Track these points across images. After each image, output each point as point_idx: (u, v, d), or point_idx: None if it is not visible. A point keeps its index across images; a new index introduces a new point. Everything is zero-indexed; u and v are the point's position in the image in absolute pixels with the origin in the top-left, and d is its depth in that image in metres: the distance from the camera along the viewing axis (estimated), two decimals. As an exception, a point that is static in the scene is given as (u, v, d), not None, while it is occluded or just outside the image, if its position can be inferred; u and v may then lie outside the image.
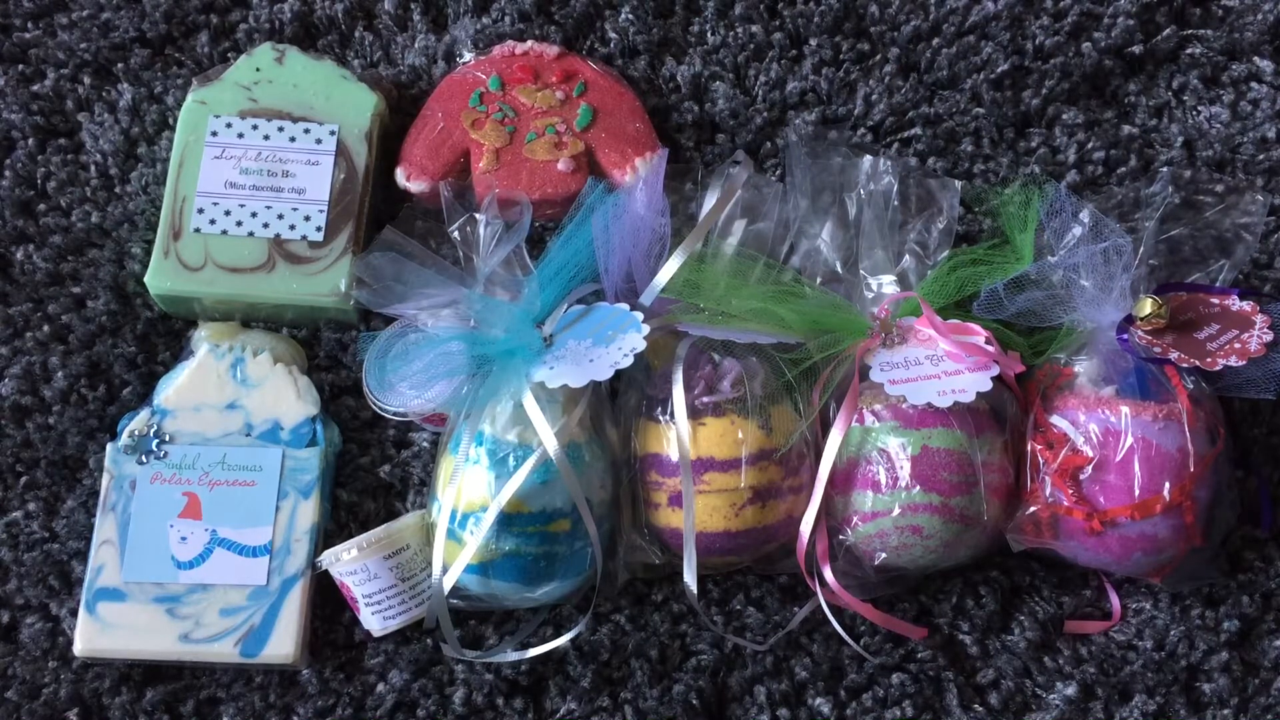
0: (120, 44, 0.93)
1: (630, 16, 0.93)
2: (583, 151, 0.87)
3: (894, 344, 0.79)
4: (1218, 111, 0.92)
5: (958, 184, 0.85)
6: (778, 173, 0.90)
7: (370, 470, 0.83)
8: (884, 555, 0.76)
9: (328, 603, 0.80)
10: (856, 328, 0.80)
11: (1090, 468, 0.75)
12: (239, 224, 0.84)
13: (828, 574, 0.76)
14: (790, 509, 0.77)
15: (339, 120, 0.86)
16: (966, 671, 0.80)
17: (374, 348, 0.79)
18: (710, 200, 0.83)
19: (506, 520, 0.74)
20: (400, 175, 0.87)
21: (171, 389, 0.82)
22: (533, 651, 0.78)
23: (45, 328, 0.85)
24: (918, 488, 0.74)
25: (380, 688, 0.79)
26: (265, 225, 0.84)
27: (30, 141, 0.90)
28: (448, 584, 0.75)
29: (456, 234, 0.81)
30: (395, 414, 0.81)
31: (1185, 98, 0.93)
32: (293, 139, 0.86)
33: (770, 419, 0.76)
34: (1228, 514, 0.78)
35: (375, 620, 0.78)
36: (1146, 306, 0.76)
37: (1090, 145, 0.91)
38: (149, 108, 0.91)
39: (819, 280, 0.83)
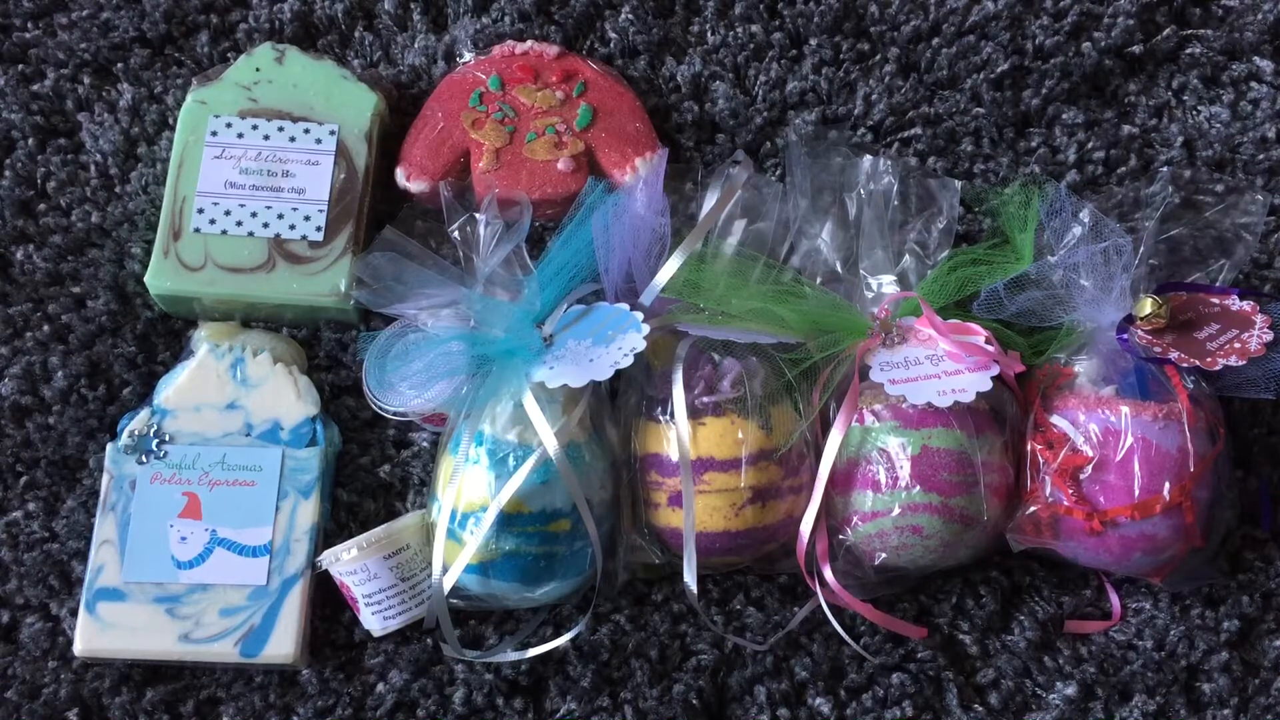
0: (120, 44, 0.93)
1: (630, 16, 0.93)
2: (583, 151, 0.87)
3: (894, 344, 0.79)
4: (1218, 111, 0.92)
5: (958, 184, 0.85)
6: (778, 173, 0.90)
7: (370, 470, 0.83)
8: (884, 555, 0.76)
9: (328, 603, 0.80)
10: (856, 328, 0.80)
11: (1090, 468, 0.75)
12: (239, 224, 0.84)
13: (828, 574, 0.76)
14: (790, 509, 0.77)
15: (339, 120, 0.86)
16: (966, 671, 0.80)
17: (374, 348, 0.79)
18: (710, 200, 0.83)
19: (506, 520, 0.74)
20: (400, 175, 0.87)
21: (171, 389, 0.82)
22: (533, 651, 0.78)
23: (45, 328, 0.85)
24: (918, 487, 0.74)
25: (380, 688, 0.79)
26: (265, 225, 0.84)
27: (30, 141, 0.90)
28: (448, 584, 0.75)
29: (456, 234, 0.81)
30: (395, 414, 0.81)
31: (1185, 98, 0.93)
32: (293, 139, 0.86)
33: (770, 419, 0.76)
34: (1228, 514, 0.78)
35: (375, 620, 0.78)
36: (1146, 306, 0.76)
37: (1090, 145, 0.91)
38: (149, 108, 0.91)
39: (819, 280, 0.83)
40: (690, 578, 0.75)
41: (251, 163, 0.85)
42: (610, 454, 0.79)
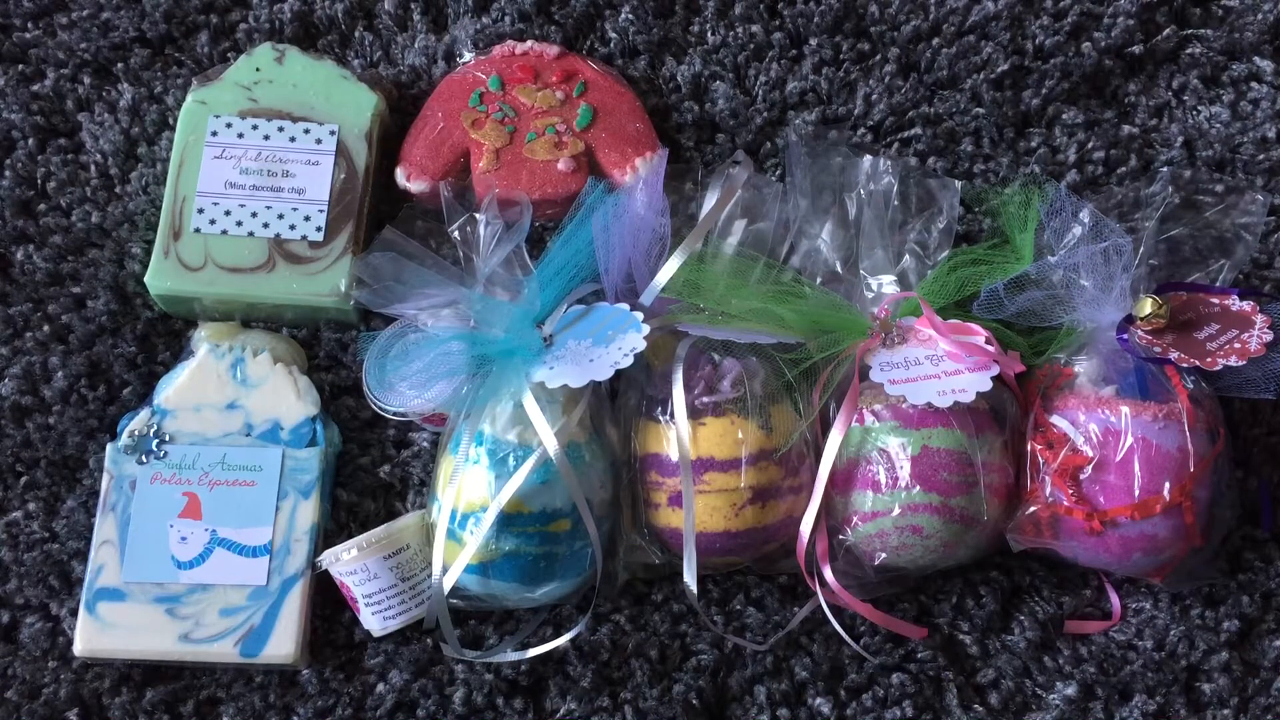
0: (120, 44, 0.93)
1: (630, 16, 0.93)
2: (583, 151, 0.87)
3: (894, 344, 0.79)
4: (1218, 111, 0.92)
5: (958, 184, 0.85)
6: (778, 173, 0.90)
7: (370, 470, 0.83)
8: (884, 555, 0.76)
9: (328, 603, 0.80)
10: (856, 328, 0.80)
11: (1090, 468, 0.75)
12: (239, 224, 0.84)
13: (828, 574, 0.76)
14: (790, 509, 0.77)
15: (339, 120, 0.86)
16: (966, 671, 0.80)
17: (374, 348, 0.79)
18: (710, 200, 0.83)
19: (506, 520, 0.74)
20: (400, 175, 0.87)
21: (171, 389, 0.82)
22: (533, 651, 0.78)
23: (45, 328, 0.85)
24: (918, 488, 0.74)
25: (380, 688, 0.79)
26: (265, 225, 0.84)
27: (30, 141, 0.90)
28: (448, 584, 0.75)
29: (456, 234, 0.81)
30: (395, 414, 0.81)
31: (1185, 98, 0.93)
32: (293, 139, 0.86)
33: (770, 419, 0.76)
34: (1228, 514, 0.78)
35: (375, 620, 0.78)
36: (1146, 306, 0.76)
37: (1090, 145, 0.91)
38: (149, 108, 0.91)
39: (819, 280, 0.83)
40: (690, 578, 0.75)
41: (251, 163, 0.85)
42: (610, 454, 0.79)
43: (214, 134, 0.86)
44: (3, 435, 0.83)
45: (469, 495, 0.75)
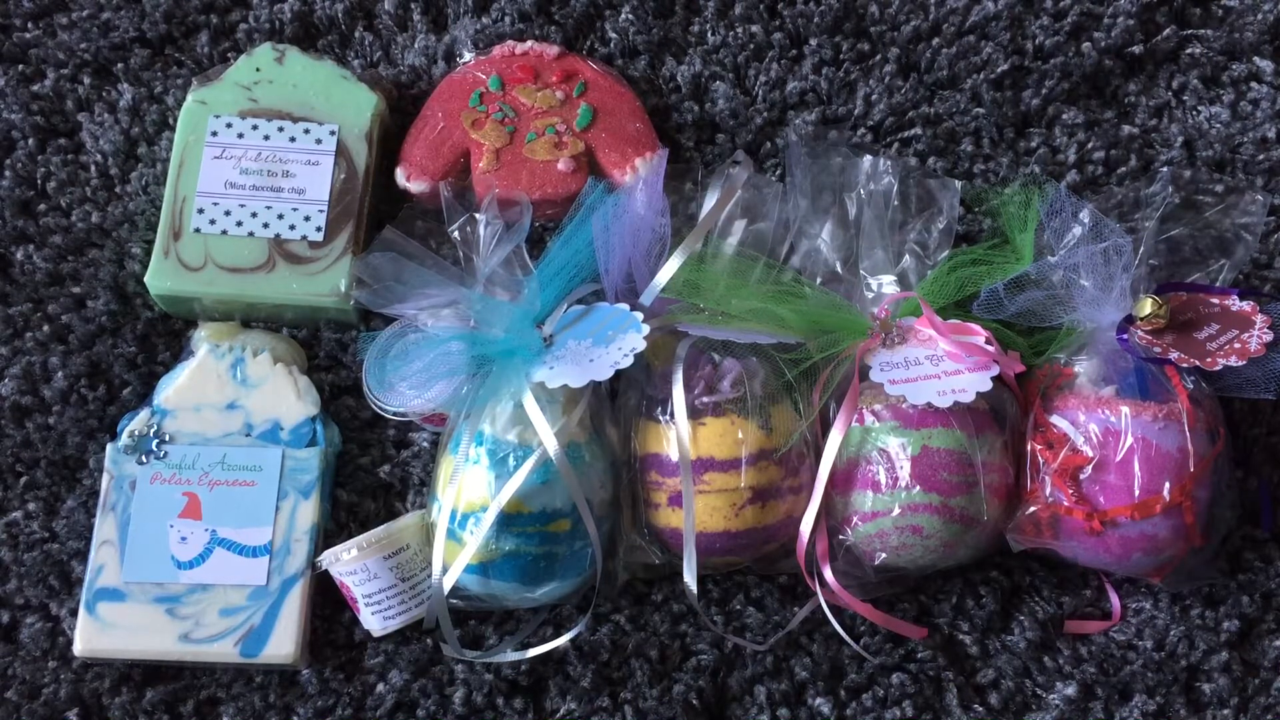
0: (120, 44, 0.93)
1: (630, 16, 0.93)
2: (583, 151, 0.87)
3: (894, 344, 0.79)
4: (1218, 111, 0.92)
5: (958, 184, 0.85)
6: (778, 173, 0.90)
7: (370, 470, 0.83)
8: (884, 555, 0.76)
9: (328, 603, 0.80)
10: (856, 328, 0.80)
11: (1090, 468, 0.75)
12: (239, 224, 0.84)
13: (828, 574, 0.76)
14: (790, 509, 0.77)
15: (339, 120, 0.86)
16: (966, 671, 0.80)
17: (374, 348, 0.79)
18: (710, 200, 0.83)
19: (506, 520, 0.74)
20: (400, 175, 0.87)
21: (171, 389, 0.82)
22: (533, 651, 0.78)
23: (45, 328, 0.85)
24: (918, 488, 0.74)
25: (380, 688, 0.79)
26: (265, 225, 0.84)
27: (30, 141, 0.90)
28: (448, 584, 0.75)
29: (456, 234, 0.81)
30: (395, 414, 0.81)
31: (1185, 98, 0.93)
32: (293, 139, 0.86)
33: (770, 419, 0.76)
34: (1228, 514, 0.78)
35: (375, 620, 0.78)
36: (1146, 306, 0.76)
37: (1090, 145, 0.91)
38: (149, 108, 0.91)
39: (819, 280, 0.83)
40: (690, 578, 0.75)
41: (251, 163, 0.85)
42: (610, 454, 0.79)
43: (214, 134, 0.86)
44: (3, 435, 0.83)
45: (469, 495, 0.75)
